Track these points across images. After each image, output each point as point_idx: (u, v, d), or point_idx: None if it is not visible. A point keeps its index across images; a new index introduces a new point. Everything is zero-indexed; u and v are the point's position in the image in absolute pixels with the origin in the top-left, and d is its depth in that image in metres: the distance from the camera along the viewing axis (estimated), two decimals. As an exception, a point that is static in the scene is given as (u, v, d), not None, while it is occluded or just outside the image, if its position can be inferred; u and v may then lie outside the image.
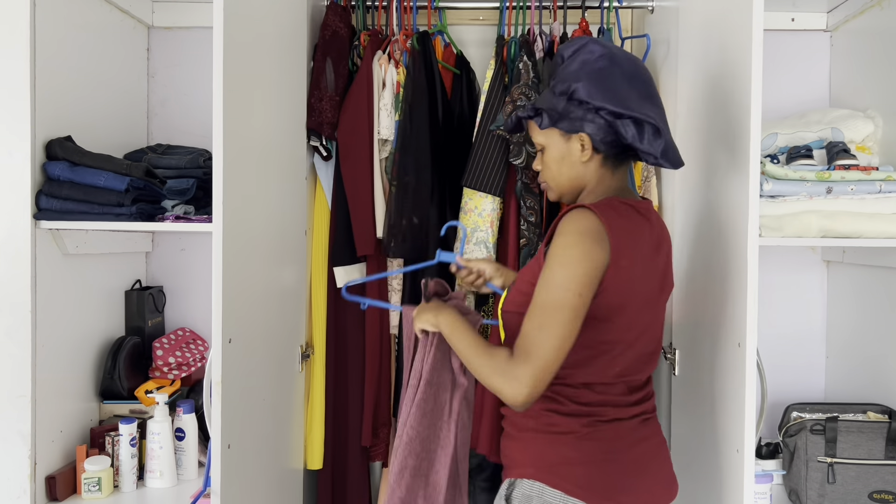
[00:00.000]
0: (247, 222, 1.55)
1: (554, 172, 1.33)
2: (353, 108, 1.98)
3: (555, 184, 1.35)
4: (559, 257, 1.19)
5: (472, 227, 1.95)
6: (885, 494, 1.70)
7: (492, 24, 2.23)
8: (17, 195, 1.60)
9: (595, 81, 1.24)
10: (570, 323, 1.16)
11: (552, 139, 1.31)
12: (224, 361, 1.41)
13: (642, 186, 1.99)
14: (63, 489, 1.67)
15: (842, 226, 1.59)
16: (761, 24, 1.33)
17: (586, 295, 1.18)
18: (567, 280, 1.17)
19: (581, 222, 1.21)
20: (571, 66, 1.26)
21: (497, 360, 1.20)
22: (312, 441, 2.04)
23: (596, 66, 1.24)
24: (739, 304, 1.37)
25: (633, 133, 1.25)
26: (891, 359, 1.84)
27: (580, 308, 1.17)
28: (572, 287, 1.17)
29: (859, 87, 2.03)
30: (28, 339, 1.59)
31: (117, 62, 2.02)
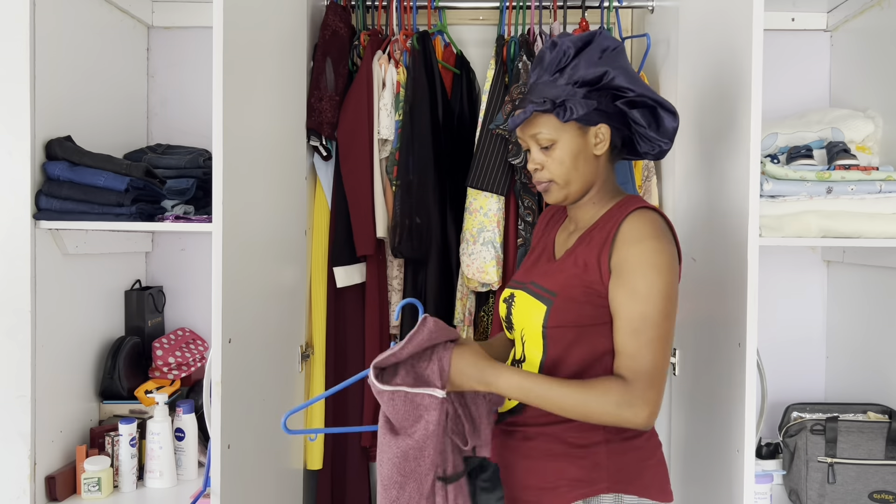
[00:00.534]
0: (247, 222, 1.54)
1: (568, 169, 1.23)
2: (353, 108, 1.98)
3: (565, 181, 1.24)
4: (650, 265, 1.14)
5: (479, 227, 1.95)
6: (886, 494, 1.70)
7: (492, 24, 2.23)
8: (17, 195, 1.60)
9: (622, 69, 1.21)
10: (673, 330, 1.15)
11: (568, 133, 1.22)
12: (224, 361, 1.41)
13: (643, 186, 1.99)
14: (63, 489, 1.66)
15: (842, 226, 1.58)
16: (761, 24, 1.33)
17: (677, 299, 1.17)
18: (666, 287, 1.14)
19: (655, 224, 1.18)
20: (590, 56, 1.21)
21: (612, 392, 1.11)
22: (312, 441, 2.04)
23: (616, 53, 1.22)
24: (739, 304, 1.37)
25: (650, 119, 1.24)
26: (891, 359, 1.84)
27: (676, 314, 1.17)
28: (671, 294, 1.15)
29: (859, 87, 2.03)
30: (28, 339, 1.59)
31: (117, 62, 2.02)
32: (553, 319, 1.20)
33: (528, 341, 1.26)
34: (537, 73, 1.26)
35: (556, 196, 1.27)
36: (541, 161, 1.25)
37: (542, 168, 1.26)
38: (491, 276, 1.93)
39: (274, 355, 1.76)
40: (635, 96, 1.21)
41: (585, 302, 1.19)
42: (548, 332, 1.21)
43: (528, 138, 1.26)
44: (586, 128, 1.23)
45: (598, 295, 1.19)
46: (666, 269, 1.15)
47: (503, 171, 1.92)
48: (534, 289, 1.26)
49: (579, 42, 1.21)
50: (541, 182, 1.27)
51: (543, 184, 1.27)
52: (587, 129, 1.23)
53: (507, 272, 1.99)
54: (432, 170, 1.97)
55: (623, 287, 1.16)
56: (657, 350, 1.13)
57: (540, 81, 1.24)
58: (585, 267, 1.21)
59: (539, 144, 1.25)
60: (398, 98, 2.00)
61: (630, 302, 1.14)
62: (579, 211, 1.31)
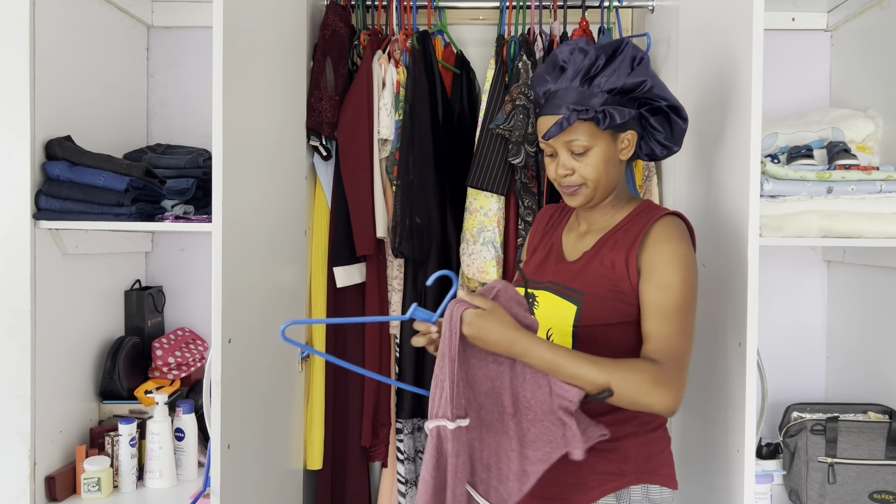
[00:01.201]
0: (246, 222, 1.54)
1: (601, 174, 1.26)
2: (353, 108, 1.98)
3: (596, 185, 1.27)
4: (678, 262, 1.21)
5: (479, 227, 1.95)
6: (886, 495, 1.70)
7: (492, 24, 2.23)
8: (17, 195, 1.60)
9: (655, 78, 1.25)
10: (695, 325, 1.22)
11: (603, 139, 1.25)
12: (224, 361, 1.41)
13: (643, 186, 1.99)
14: (62, 489, 1.66)
15: (842, 226, 1.58)
16: (761, 23, 1.33)
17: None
18: (692, 281, 1.21)
19: (682, 228, 1.26)
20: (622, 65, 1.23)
21: (647, 373, 1.13)
22: (312, 441, 2.04)
23: (647, 63, 1.25)
24: (740, 304, 1.37)
25: (665, 125, 1.30)
26: (891, 359, 1.84)
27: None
28: (695, 290, 1.22)
29: (859, 87, 2.02)
30: (28, 339, 1.58)
31: (117, 62, 2.02)
32: (584, 318, 1.24)
33: (555, 340, 1.27)
34: (558, 80, 1.26)
35: (583, 199, 1.30)
36: (572, 166, 1.27)
37: (572, 173, 1.28)
38: (491, 276, 1.93)
39: (274, 355, 1.76)
40: (665, 105, 1.27)
41: (614, 301, 1.23)
42: (578, 330, 1.25)
43: (559, 145, 1.27)
44: (617, 134, 1.27)
45: (625, 294, 1.23)
46: (692, 267, 1.22)
47: (503, 170, 1.92)
48: (558, 289, 1.29)
49: (609, 50, 1.25)
50: (570, 186, 1.29)
51: (573, 187, 1.29)
52: (618, 136, 1.28)
53: (508, 272, 1.99)
54: (432, 170, 1.97)
55: (652, 281, 1.21)
56: (685, 339, 1.19)
57: (564, 88, 1.25)
58: (613, 267, 1.25)
59: (571, 151, 1.26)
60: (398, 98, 2.00)
61: (660, 293, 1.20)
62: (596, 213, 1.34)
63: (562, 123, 1.23)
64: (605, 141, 1.26)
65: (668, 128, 1.30)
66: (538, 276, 1.35)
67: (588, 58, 1.23)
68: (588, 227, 1.35)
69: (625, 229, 1.29)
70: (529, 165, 1.92)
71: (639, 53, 1.25)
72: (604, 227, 1.33)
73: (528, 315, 1.19)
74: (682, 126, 1.31)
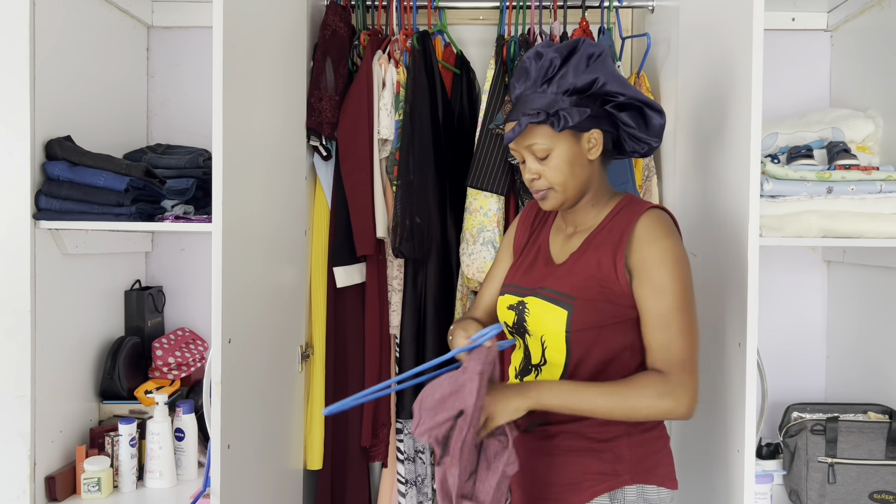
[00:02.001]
0: (246, 222, 1.54)
1: (566, 176, 1.26)
2: (353, 108, 1.98)
3: (563, 188, 1.27)
4: (670, 262, 1.20)
5: (479, 227, 1.95)
6: (886, 495, 1.70)
7: (492, 24, 2.23)
8: (17, 195, 1.60)
9: (611, 74, 1.24)
10: (696, 319, 1.21)
11: (563, 141, 1.25)
12: (224, 361, 1.41)
13: (643, 186, 1.99)
14: (62, 489, 1.66)
15: (842, 226, 1.58)
16: (761, 23, 1.33)
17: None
18: (686, 279, 1.21)
19: (667, 223, 1.25)
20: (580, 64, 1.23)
21: (652, 386, 1.15)
22: (312, 441, 2.04)
23: (602, 59, 1.24)
24: (740, 304, 1.37)
25: (638, 120, 1.27)
26: (891, 359, 1.84)
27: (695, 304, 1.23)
28: (691, 285, 1.22)
29: (860, 87, 2.02)
30: (28, 339, 1.58)
31: (117, 62, 2.02)
32: (576, 323, 1.23)
33: (549, 346, 1.26)
34: (523, 85, 1.27)
35: (554, 202, 1.29)
36: (537, 170, 1.28)
37: (539, 177, 1.28)
38: (491, 276, 1.93)
39: (274, 355, 1.76)
40: (625, 100, 1.25)
41: (604, 301, 1.23)
42: (571, 335, 1.23)
43: (522, 150, 1.28)
44: (580, 134, 1.26)
45: (615, 295, 1.22)
46: (684, 263, 1.22)
47: (503, 170, 1.92)
48: (548, 294, 1.27)
49: (564, 51, 1.24)
50: (539, 190, 1.29)
51: (542, 192, 1.29)
52: (580, 136, 1.26)
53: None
54: (432, 170, 1.97)
55: (647, 285, 1.20)
56: (687, 339, 1.18)
57: (527, 93, 1.26)
58: (599, 268, 1.24)
59: (535, 155, 1.27)
60: (398, 98, 2.00)
61: (655, 298, 1.19)
62: (578, 214, 1.34)
63: (515, 129, 1.24)
64: (567, 142, 1.25)
65: (643, 122, 1.28)
66: (527, 281, 1.34)
67: (544, 61, 1.24)
68: (574, 229, 1.35)
69: (608, 228, 1.28)
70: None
71: (596, 51, 1.24)
72: (588, 227, 1.32)
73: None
74: (658, 120, 1.28)
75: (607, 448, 1.24)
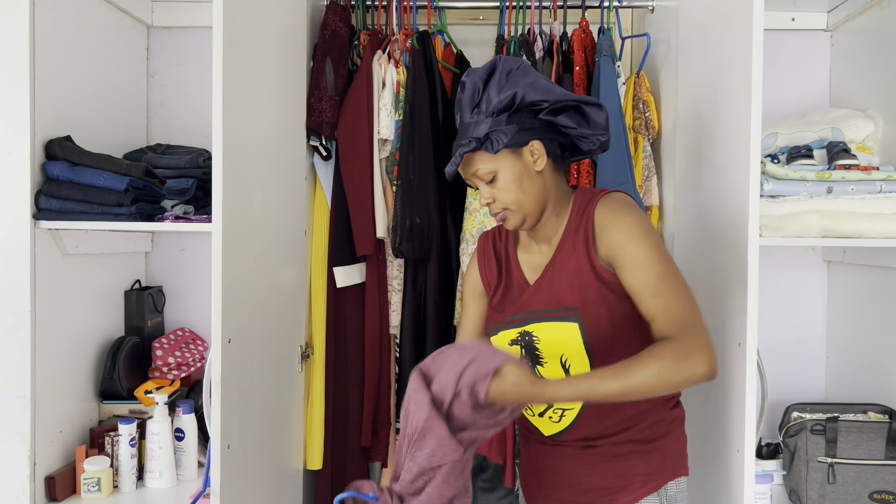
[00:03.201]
0: (246, 222, 1.54)
1: (516, 194, 1.25)
2: (353, 108, 1.98)
3: (518, 206, 1.26)
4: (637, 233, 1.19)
5: (479, 227, 1.95)
6: (886, 495, 1.70)
7: (492, 24, 2.22)
8: (17, 195, 1.60)
9: (530, 85, 1.22)
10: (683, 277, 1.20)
11: (503, 161, 1.24)
12: (224, 361, 1.41)
13: (643, 186, 1.99)
14: (62, 489, 1.66)
15: (842, 226, 1.58)
16: (761, 23, 1.33)
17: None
18: (659, 245, 1.19)
19: (620, 201, 1.24)
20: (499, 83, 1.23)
21: (667, 352, 1.08)
22: (312, 441, 2.04)
23: (521, 72, 1.23)
24: (740, 304, 1.37)
25: (578, 119, 1.25)
26: (891, 359, 1.84)
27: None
28: (662, 247, 1.20)
29: (859, 87, 2.02)
30: (28, 339, 1.58)
31: (117, 62, 2.02)
32: (590, 330, 1.22)
33: (573, 364, 1.25)
34: (459, 115, 1.28)
35: (515, 221, 1.28)
36: (489, 194, 1.28)
37: (493, 201, 1.28)
38: (491, 276, 1.93)
39: (274, 355, 1.76)
40: (553, 104, 1.23)
41: (603, 299, 1.22)
42: (590, 343, 1.22)
43: (470, 178, 1.29)
44: (519, 150, 1.25)
45: (607, 289, 1.22)
46: (650, 231, 1.21)
47: (503, 171, 1.92)
48: (548, 314, 1.25)
49: (484, 74, 1.24)
50: (496, 213, 1.29)
51: (500, 213, 1.29)
52: (520, 151, 1.25)
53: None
54: (432, 170, 1.97)
55: (625, 266, 1.19)
56: (683, 300, 1.16)
57: (464, 122, 1.26)
58: (580, 271, 1.24)
59: (482, 180, 1.27)
60: (398, 98, 2.00)
61: (637, 272, 1.18)
62: (544, 227, 1.32)
63: (455, 161, 1.25)
64: (508, 161, 1.24)
65: (583, 120, 1.26)
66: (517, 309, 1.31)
67: (468, 88, 1.25)
68: (544, 241, 1.33)
69: (574, 229, 1.28)
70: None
71: (511, 66, 1.23)
72: (555, 235, 1.31)
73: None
74: (598, 114, 1.25)
75: (653, 448, 1.26)
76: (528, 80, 1.22)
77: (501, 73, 1.23)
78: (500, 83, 1.22)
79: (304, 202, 2.00)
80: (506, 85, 1.22)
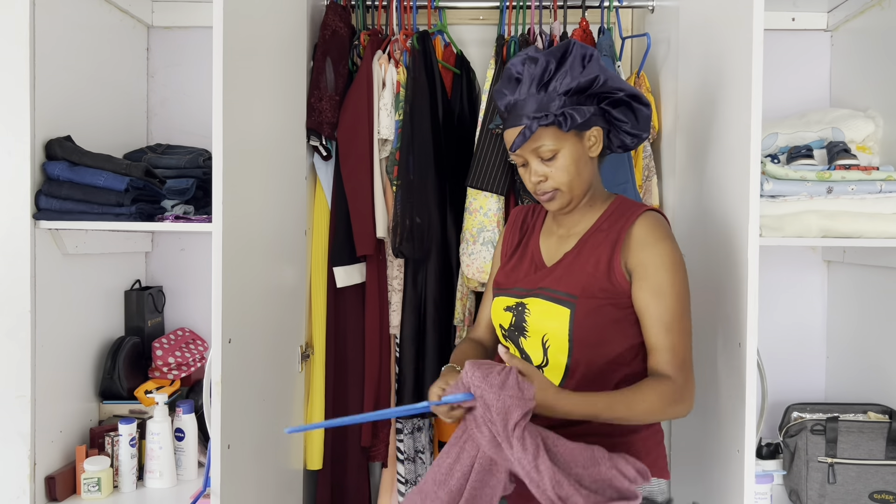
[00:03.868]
0: (246, 222, 1.54)
1: (572, 176, 1.27)
2: (353, 108, 1.98)
3: (570, 188, 1.28)
4: (669, 264, 1.24)
5: (479, 227, 1.95)
6: (886, 495, 1.70)
7: (492, 24, 2.22)
8: (17, 195, 1.60)
9: (609, 72, 1.26)
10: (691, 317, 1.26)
11: (568, 141, 1.26)
12: (224, 361, 1.41)
13: (643, 186, 1.99)
14: (62, 489, 1.66)
15: (842, 226, 1.58)
16: (761, 23, 1.33)
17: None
18: (685, 282, 1.25)
19: (664, 225, 1.28)
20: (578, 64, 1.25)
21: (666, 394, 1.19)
22: (312, 441, 2.04)
23: (597, 59, 1.26)
24: (740, 304, 1.37)
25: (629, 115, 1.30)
26: (891, 359, 1.84)
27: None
28: (687, 288, 1.26)
29: (860, 87, 2.02)
30: (28, 339, 1.58)
31: (117, 62, 2.02)
32: (579, 321, 1.24)
33: (552, 346, 1.27)
34: (516, 91, 1.28)
35: (561, 203, 1.31)
36: (544, 172, 1.28)
37: (545, 179, 1.29)
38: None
39: (274, 355, 1.76)
40: (624, 95, 1.27)
41: (604, 300, 1.24)
42: (574, 334, 1.24)
43: (528, 154, 1.29)
44: (582, 133, 1.28)
45: (613, 293, 1.24)
46: (681, 266, 1.26)
47: (503, 170, 1.92)
48: (548, 294, 1.28)
49: (558, 53, 1.26)
50: (546, 192, 1.30)
51: (548, 193, 1.30)
52: (583, 135, 1.28)
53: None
54: (432, 170, 1.97)
55: (646, 287, 1.23)
56: (688, 341, 1.24)
57: (523, 98, 1.26)
58: (597, 266, 1.26)
59: (541, 157, 1.28)
60: (398, 98, 2.00)
61: (657, 300, 1.22)
62: (573, 215, 1.35)
63: (525, 133, 1.24)
64: (572, 142, 1.26)
65: (633, 116, 1.30)
66: (525, 283, 1.34)
67: (539, 65, 1.25)
68: (567, 231, 1.36)
69: (604, 228, 1.30)
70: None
71: (587, 51, 1.26)
72: (582, 229, 1.33)
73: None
74: (645, 112, 1.31)
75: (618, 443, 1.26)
76: (603, 67, 1.26)
77: (577, 55, 1.25)
78: (577, 65, 1.24)
79: (304, 202, 2.00)
80: (585, 69, 1.24)
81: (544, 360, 1.29)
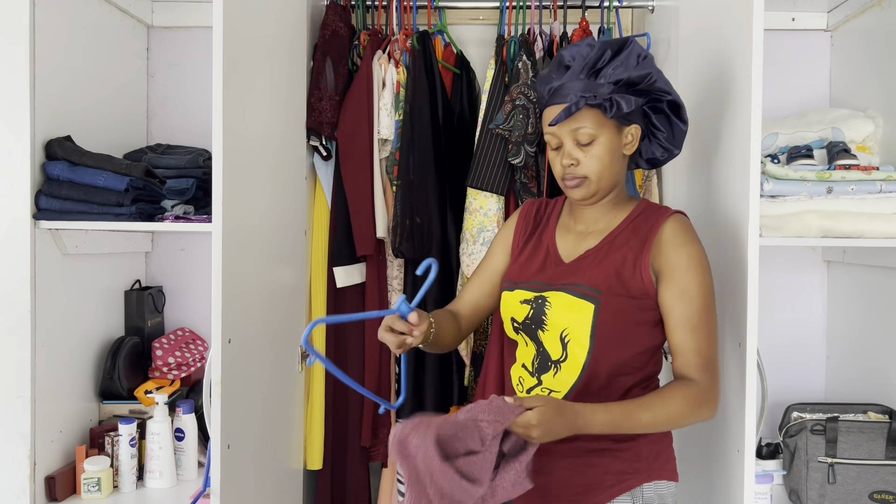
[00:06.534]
0: (246, 222, 1.54)
1: (605, 166, 1.26)
2: (353, 108, 1.98)
3: (598, 178, 1.27)
4: (698, 266, 1.24)
5: (479, 227, 1.95)
6: (886, 495, 1.70)
7: (492, 24, 2.23)
8: (17, 195, 1.60)
9: (661, 74, 1.27)
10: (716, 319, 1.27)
11: (608, 130, 1.25)
12: (224, 361, 1.41)
13: (643, 186, 1.99)
14: (62, 489, 1.66)
15: (842, 226, 1.58)
16: (761, 23, 1.33)
17: None
18: (710, 282, 1.25)
19: (691, 228, 1.29)
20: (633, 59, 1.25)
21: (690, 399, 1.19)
22: (312, 441, 2.04)
23: (651, 58, 1.27)
24: (740, 304, 1.37)
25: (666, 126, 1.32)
26: (891, 359, 1.84)
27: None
28: (713, 288, 1.26)
29: (860, 87, 2.02)
30: (28, 339, 1.58)
31: (117, 62, 2.02)
32: (602, 317, 1.23)
33: (571, 340, 1.26)
34: (565, 75, 1.27)
35: (586, 192, 1.29)
36: (577, 157, 1.27)
37: (577, 164, 1.27)
38: (491, 276, 1.93)
39: (274, 355, 1.76)
40: (672, 98, 1.29)
41: (628, 299, 1.24)
42: (597, 330, 1.23)
43: (565, 134, 1.27)
44: (622, 127, 1.28)
45: (637, 293, 1.24)
46: (708, 268, 1.26)
47: (503, 171, 1.92)
48: (573, 289, 1.26)
49: (616, 45, 1.26)
50: (574, 177, 1.28)
51: (576, 179, 1.28)
52: (622, 129, 1.28)
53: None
54: (432, 170, 1.97)
55: (674, 288, 1.23)
56: (714, 343, 1.24)
57: (570, 82, 1.26)
58: (623, 265, 1.26)
59: (577, 140, 1.26)
60: (398, 98, 2.00)
61: (684, 301, 1.22)
62: (595, 212, 1.34)
63: (570, 108, 1.23)
64: (611, 132, 1.26)
65: (669, 129, 1.32)
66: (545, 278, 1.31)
67: (595, 51, 1.26)
68: (587, 228, 1.34)
69: (631, 229, 1.30)
70: (529, 166, 1.92)
71: (644, 51, 1.28)
72: (606, 227, 1.32)
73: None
74: (682, 128, 1.32)
75: (627, 448, 1.25)
76: (657, 68, 1.27)
77: (633, 51, 1.26)
78: (632, 59, 1.25)
79: (304, 202, 2.00)
80: (640, 65, 1.25)
81: (563, 354, 1.27)
